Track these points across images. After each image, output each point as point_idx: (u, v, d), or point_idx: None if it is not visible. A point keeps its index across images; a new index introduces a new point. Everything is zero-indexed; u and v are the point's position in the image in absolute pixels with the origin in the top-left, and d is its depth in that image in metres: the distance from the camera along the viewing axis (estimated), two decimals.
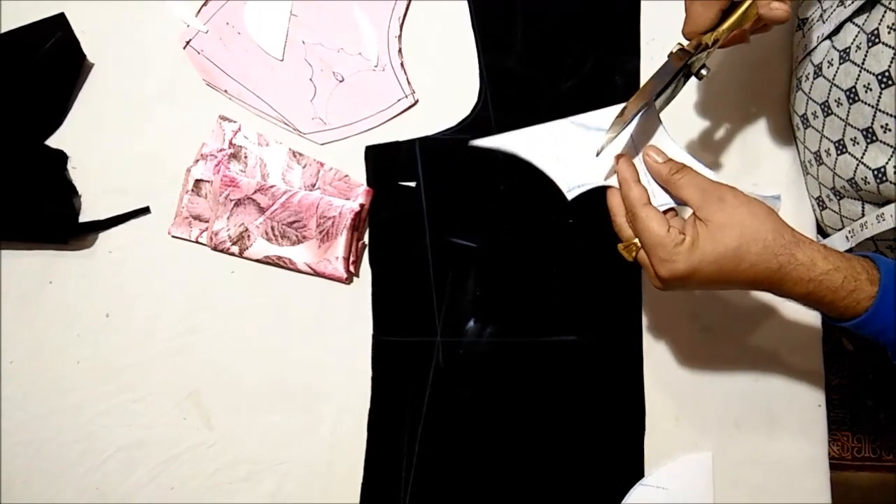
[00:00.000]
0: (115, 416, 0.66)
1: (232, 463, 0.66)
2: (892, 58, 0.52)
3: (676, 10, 0.70)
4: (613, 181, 0.54)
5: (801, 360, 0.68)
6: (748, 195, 0.49)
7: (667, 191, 0.53)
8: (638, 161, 0.54)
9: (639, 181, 0.52)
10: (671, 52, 0.51)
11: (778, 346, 0.68)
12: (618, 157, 0.53)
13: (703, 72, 0.54)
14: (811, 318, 0.68)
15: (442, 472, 0.67)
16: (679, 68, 0.51)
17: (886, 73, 0.53)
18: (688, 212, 0.51)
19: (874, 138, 0.56)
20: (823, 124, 0.62)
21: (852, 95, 0.57)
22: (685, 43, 0.52)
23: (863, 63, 0.55)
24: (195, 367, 0.67)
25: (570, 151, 0.54)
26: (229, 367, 0.67)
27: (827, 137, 0.62)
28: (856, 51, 0.56)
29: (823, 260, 0.47)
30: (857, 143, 0.58)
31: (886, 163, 0.56)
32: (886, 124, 0.54)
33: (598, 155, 0.52)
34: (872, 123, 0.56)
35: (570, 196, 0.54)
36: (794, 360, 0.68)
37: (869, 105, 0.55)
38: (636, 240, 0.51)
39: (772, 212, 0.49)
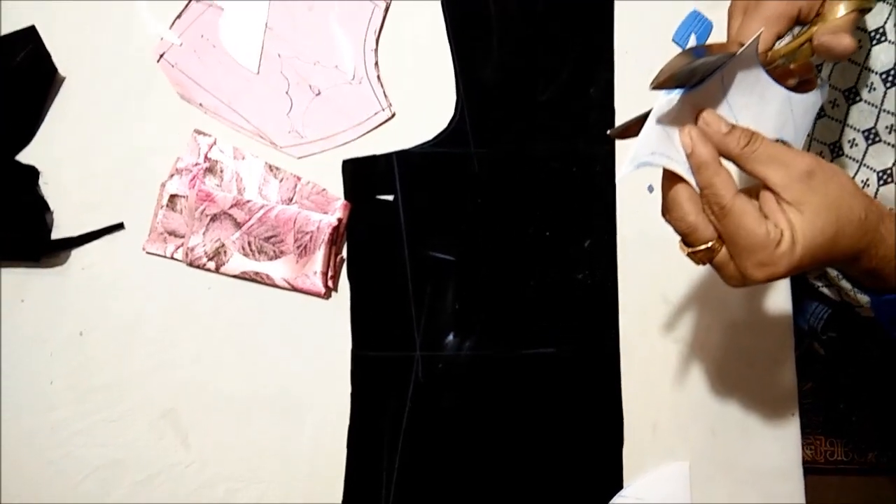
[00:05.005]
0: (90, 436, 0.65)
1: (210, 482, 0.66)
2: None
3: (650, 23, 0.71)
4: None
5: (774, 370, 0.69)
6: (821, 159, 0.42)
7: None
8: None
9: (721, 163, 0.41)
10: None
11: (751, 356, 0.69)
12: (684, 132, 0.42)
13: None
14: (783, 327, 0.69)
15: (423, 487, 0.67)
16: (726, 58, 0.41)
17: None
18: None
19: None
20: None
21: None
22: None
23: None
24: (172, 385, 0.66)
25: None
26: (206, 384, 0.67)
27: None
28: None
29: None
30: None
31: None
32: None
33: (610, 134, 0.43)
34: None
35: None
36: (768, 371, 0.69)
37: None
38: (712, 243, 0.42)
39: (854, 181, 0.43)
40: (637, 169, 0.40)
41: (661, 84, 0.40)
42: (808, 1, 0.45)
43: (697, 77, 0.41)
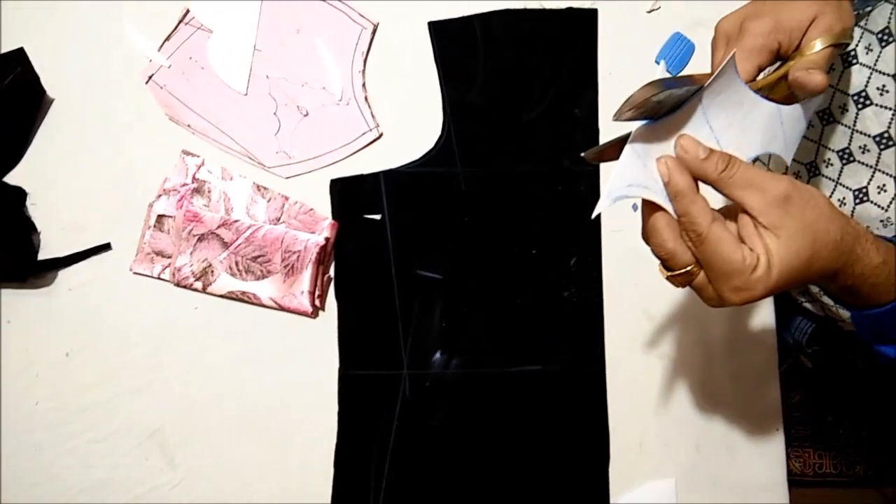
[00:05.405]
0: (77, 457, 0.65)
1: (197, 501, 0.65)
2: None
3: (632, 45, 0.72)
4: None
5: (759, 385, 0.70)
6: (798, 182, 0.42)
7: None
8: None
9: (698, 191, 0.42)
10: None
11: (736, 372, 0.70)
12: (661, 161, 0.42)
13: None
14: (768, 343, 0.70)
15: None
16: (694, 91, 0.41)
17: None
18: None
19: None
20: None
21: None
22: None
23: None
24: (158, 406, 0.66)
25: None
26: (193, 404, 0.67)
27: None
28: None
29: (875, 252, 0.43)
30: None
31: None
32: None
33: (585, 157, 0.42)
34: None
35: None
36: (753, 387, 0.70)
37: None
38: (691, 267, 0.42)
39: (831, 202, 0.43)
40: (614, 203, 0.40)
41: (626, 118, 0.40)
42: (788, 35, 0.46)
43: (665, 109, 0.41)
